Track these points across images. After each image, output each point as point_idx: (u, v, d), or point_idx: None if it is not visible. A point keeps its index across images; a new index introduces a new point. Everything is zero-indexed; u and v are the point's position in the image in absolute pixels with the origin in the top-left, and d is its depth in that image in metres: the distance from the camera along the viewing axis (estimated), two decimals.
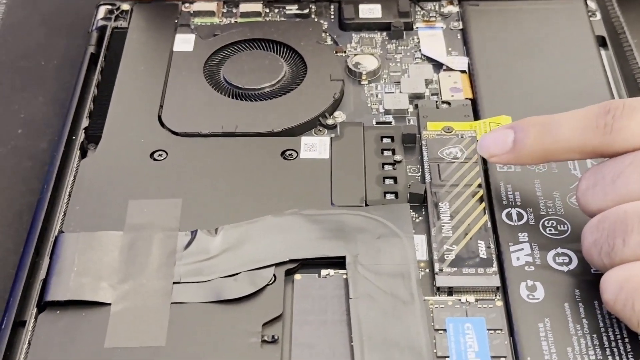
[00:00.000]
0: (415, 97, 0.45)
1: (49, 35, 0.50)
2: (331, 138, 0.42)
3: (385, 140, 0.42)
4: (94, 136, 0.43)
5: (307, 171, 0.41)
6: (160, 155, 0.42)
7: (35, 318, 0.35)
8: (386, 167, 0.41)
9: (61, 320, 0.35)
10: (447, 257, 0.36)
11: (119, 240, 0.37)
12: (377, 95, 0.45)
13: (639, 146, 0.33)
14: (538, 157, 0.36)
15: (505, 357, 0.33)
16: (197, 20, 0.49)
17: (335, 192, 0.40)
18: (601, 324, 0.34)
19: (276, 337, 0.34)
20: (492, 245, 0.37)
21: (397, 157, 0.41)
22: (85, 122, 0.43)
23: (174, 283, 0.36)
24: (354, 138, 0.42)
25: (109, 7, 0.50)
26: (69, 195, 0.40)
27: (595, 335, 0.33)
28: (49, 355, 0.34)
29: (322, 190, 0.40)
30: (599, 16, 0.49)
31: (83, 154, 0.42)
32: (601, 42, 0.47)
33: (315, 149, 0.42)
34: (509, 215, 0.38)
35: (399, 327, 0.34)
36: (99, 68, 0.46)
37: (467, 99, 0.44)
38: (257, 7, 0.50)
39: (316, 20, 0.49)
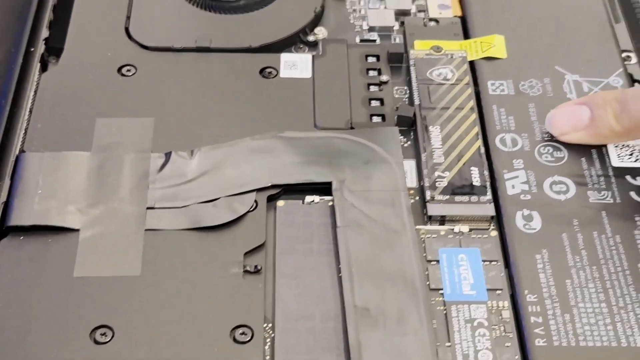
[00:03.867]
0: (401, 14, 0.42)
1: None
2: (313, 56, 0.39)
3: (370, 59, 0.40)
4: (55, 48, 0.40)
5: (288, 91, 0.38)
6: (128, 70, 0.39)
7: None
8: (372, 87, 0.38)
9: (25, 247, 0.32)
10: (439, 184, 0.34)
11: (87, 161, 0.35)
12: (360, 11, 0.42)
13: None
14: (617, 136, 0.35)
15: (501, 289, 0.32)
16: None
17: (318, 113, 0.37)
18: (601, 256, 0.32)
19: (259, 267, 0.32)
20: (486, 172, 0.35)
21: (384, 78, 0.39)
22: (45, 33, 0.40)
23: (148, 208, 0.33)
24: (337, 56, 0.39)
25: None
26: (30, 111, 0.37)
27: (595, 267, 0.32)
28: (12, 285, 0.31)
29: (304, 112, 0.37)
30: None
31: (44, 67, 0.39)
32: None
33: (296, 67, 0.39)
34: (503, 141, 0.36)
35: (389, 257, 0.32)
36: None
37: (456, 16, 0.41)
38: None
39: None
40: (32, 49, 0.39)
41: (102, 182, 0.34)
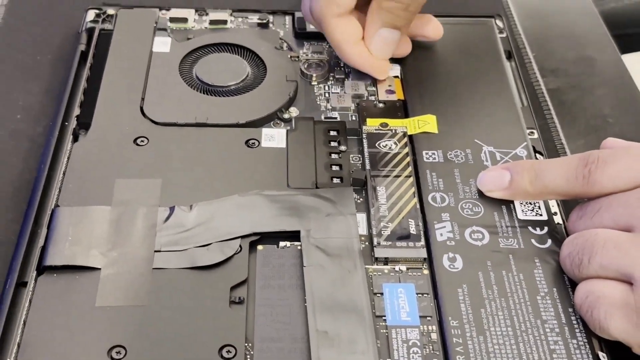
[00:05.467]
0: (357, 97, 0.44)
1: (44, 34, 0.48)
2: (287, 130, 0.41)
3: (332, 132, 0.41)
4: (84, 123, 0.41)
5: (267, 158, 0.39)
6: (142, 141, 0.40)
7: (35, 280, 0.33)
8: (333, 155, 0.40)
9: (58, 282, 0.33)
10: (384, 232, 0.36)
11: (108, 214, 0.36)
12: (325, 95, 0.44)
13: (609, 192, 0.34)
14: (530, 196, 0.36)
15: (430, 316, 0.33)
16: (173, 25, 0.47)
17: (290, 176, 0.38)
18: (508, 290, 0.34)
19: (242, 298, 0.33)
20: (420, 223, 0.36)
21: (342, 148, 0.40)
22: (77, 111, 0.41)
23: (155, 251, 0.35)
24: (306, 130, 0.41)
25: (97, 11, 0.47)
26: (64, 173, 0.38)
27: (503, 299, 0.33)
28: (47, 313, 0.32)
29: (279, 174, 0.39)
30: (505, 33, 0.49)
31: (75, 138, 0.40)
32: (507, 55, 0.47)
33: (274, 139, 0.40)
34: (434, 198, 0.37)
35: (344, 291, 0.33)
36: (88, 64, 0.44)
37: (399, 99, 0.43)
38: (225, 15, 0.48)
39: (274, 29, 0.48)
40: (66, 124, 0.40)
41: (120, 231, 0.35)
